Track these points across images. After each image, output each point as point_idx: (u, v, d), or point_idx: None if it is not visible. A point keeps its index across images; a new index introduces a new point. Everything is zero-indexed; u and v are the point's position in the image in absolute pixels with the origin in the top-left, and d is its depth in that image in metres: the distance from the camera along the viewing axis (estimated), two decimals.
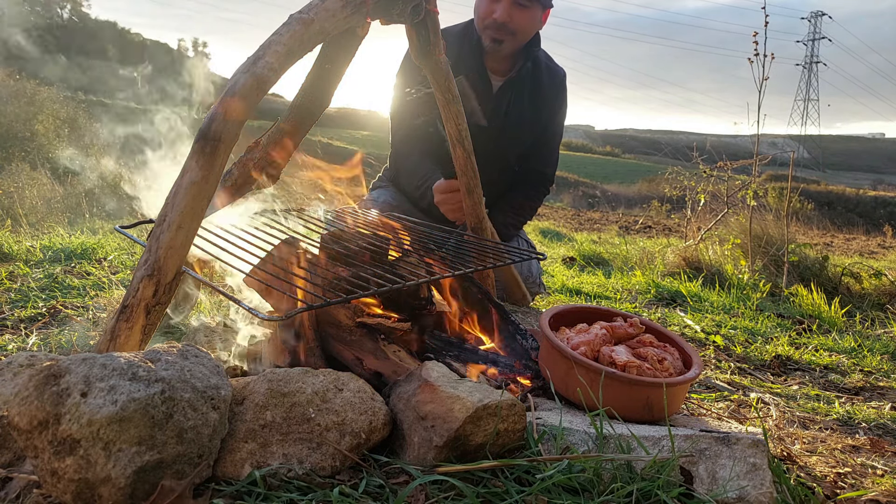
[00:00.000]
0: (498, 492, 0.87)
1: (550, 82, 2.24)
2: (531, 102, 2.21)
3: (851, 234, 11.55)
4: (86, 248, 2.56)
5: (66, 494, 0.74)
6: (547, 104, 2.24)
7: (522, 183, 2.35)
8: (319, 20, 1.09)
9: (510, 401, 0.97)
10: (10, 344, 1.45)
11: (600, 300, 2.91)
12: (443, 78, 1.54)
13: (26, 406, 0.75)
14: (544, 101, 2.23)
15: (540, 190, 2.38)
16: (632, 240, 6.46)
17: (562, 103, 2.29)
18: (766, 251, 3.67)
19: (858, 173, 59.81)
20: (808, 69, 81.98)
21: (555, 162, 2.38)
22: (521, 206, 2.33)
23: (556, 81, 2.26)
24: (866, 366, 2.04)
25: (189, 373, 0.83)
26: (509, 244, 2.12)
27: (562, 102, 2.29)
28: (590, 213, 13.70)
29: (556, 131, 2.32)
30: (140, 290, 0.97)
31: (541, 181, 2.37)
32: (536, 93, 2.21)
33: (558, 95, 2.27)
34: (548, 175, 2.37)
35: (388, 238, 1.47)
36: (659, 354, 1.22)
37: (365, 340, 1.23)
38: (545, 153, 2.32)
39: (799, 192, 10.44)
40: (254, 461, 0.86)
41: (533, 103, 2.21)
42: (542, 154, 2.32)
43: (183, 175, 0.99)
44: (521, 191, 2.34)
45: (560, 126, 2.34)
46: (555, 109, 2.26)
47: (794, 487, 0.98)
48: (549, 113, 2.25)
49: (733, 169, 4.60)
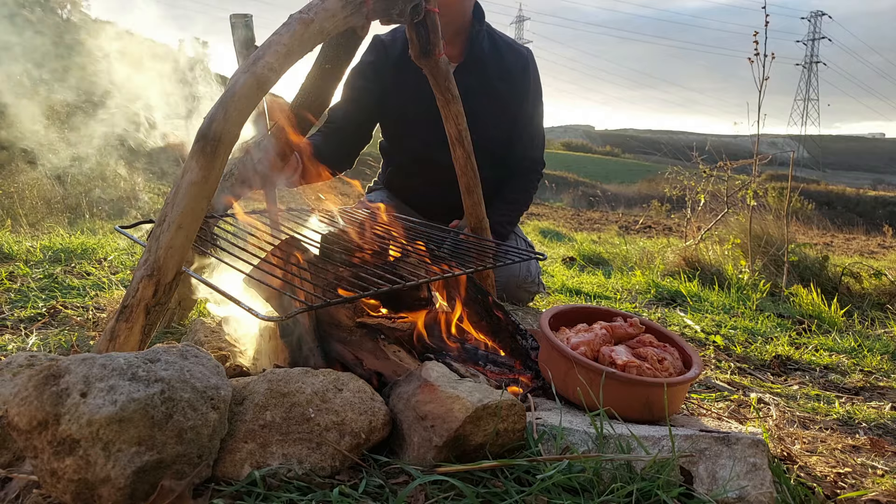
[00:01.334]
0: (498, 492, 0.87)
1: (514, 59, 2.21)
2: (500, 80, 2.17)
3: (851, 234, 11.55)
4: (86, 248, 2.56)
5: (65, 494, 0.74)
6: (516, 82, 2.21)
7: (511, 176, 2.33)
8: (319, 20, 1.09)
9: (510, 401, 0.97)
10: (10, 344, 1.45)
11: (600, 300, 2.91)
12: (443, 78, 1.54)
13: (26, 406, 0.75)
14: (513, 77, 2.20)
15: (531, 177, 2.35)
16: (632, 240, 6.46)
17: (532, 81, 2.24)
18: (766, 251, 3.67)
19: (858, 173, 59.79)
20: (808, 69, 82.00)
21: (541, 143, 2.34)
22: (513, 200, 2.31)
23: (520, 59, 2.22)
24: (866, 366, 2.04)
25: (189, 373, 0.83)
26: (508, 243, 2.12)
27: (532, 80, 2.24)
28: (590, 213, 13.71)
29: (534, 111, 2.28)
30: (140, 290, 0.97)
31: (530, 167, 2.34)
32: (502, 70, 2.17)
33: (526, 73, 2.22)
34: (536, 158, 2.34)
35: (387, 238, 1.47)
36: (659, 354, 1.22)
37: (365, 340, 1.23)
38: (528, 135, 2.29)
39: (799, 191, 10.44)
40: (253, 461, 0.86)
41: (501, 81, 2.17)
42: (525, 137, 2.28)
43: (183, 175, 0.99)
44: (511, 183, 2.32)
45: (537, 105, 2.29)
46: (526, 87, 2.23)
47: (794, 487, 0.98)
48: (520, 91, 2.22)
49: (733, 169, 4.60)
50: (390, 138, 2.32)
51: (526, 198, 2.37)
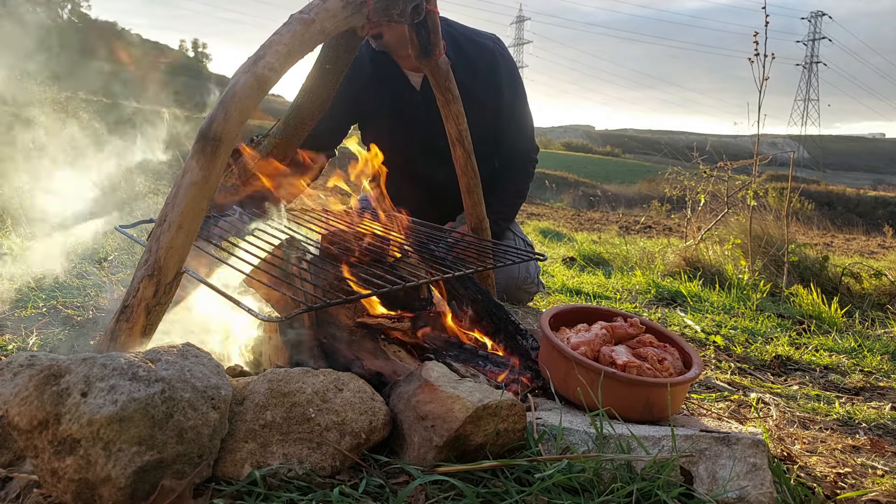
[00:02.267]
0: (498, 492, 0.87)
1: (480, 55, 2.15)
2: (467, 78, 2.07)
3: (851, 234, 11.54)
4: (86, 248, 2.56)
5: (66, 494, 0.74)
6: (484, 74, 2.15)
7: (504, 169, 2.31)
8: (320, 20, 1.09)
9: (510, 401, 0.97)
10: (10, 344, 1.45)
11: (600, 300, 2.91)
12: (443, 78, 1.54)
13: (26, 406, 0.75)
14: (479, 73, 2.14)
15: (526, 168, 2.33)
16: (632, 240, 6.45)
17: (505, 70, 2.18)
18: (766, 251, 3.67)
19: (858, 173, 59.77)
20: (808, 69, 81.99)
21: (530, 131, 2.30)
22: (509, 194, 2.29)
23: (486, 53, 2.16)
24: (866, 366, 2.04)
25: (189, 373, 0.83)
26: (507, 243, 2.12)
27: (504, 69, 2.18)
28: (590, 213, 13.70)
29: (514, 100, 2.23)
30: (140, 290, 0.97)
31: (523, 157, 2.31)
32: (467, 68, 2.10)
33: (494, 65, 2.17)
34: (527, 147, 2.31)
35: (388, 238, 1.47)
36: (659, 354, 1.23)
37: (365, 340, 1.23)
38: (514, 127, 2.25)
39: (799, 192, 10.44)
40: (254, 461, 0.86)
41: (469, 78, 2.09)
42: (511, 129, 2.25)
43: (183, 175, 0.99)
44: (504, 179, 2.30)
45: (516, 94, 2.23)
46: (498, 80, 2.17)
47: (794, 487, 0.98)
48: (493, 85, 2.16)
49: (733, 169, 4.59)
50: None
51: (522, 188, 2.35)
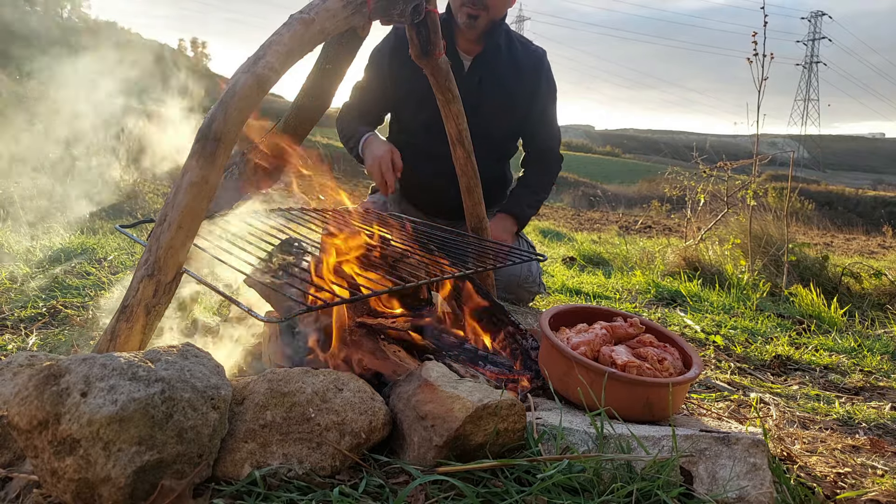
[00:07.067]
0: (498, 492, 0.87)
1: (527, 57, 2.30)
2: (511, 76, 2.26)
3: (851, 234, 11.54)
4: (86, 248, 2.56)
5: (66, 494, 0.74)
6: (527, 78, 2.29)
7: (535, 163, 2.44)
8: (320, 20, 1.09)
9: (510, 401, 0.97)
10: (10, 344, 1.45)
11: (600, 300, 2.91)
12: (443, 78, 1.54)
13: (26, 406, 0.75)
14: (523, 75, 2.28)
15: (552, 167, 2.47)
16: (632, 240, 6.45)
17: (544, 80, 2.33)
18: (766, 251, 3.67)
19: (858, 173, 59.76)
20: (808, 69, 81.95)
21: (557, 137, 2.47)
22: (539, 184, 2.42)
23: (532, 58, 2.31)
24: (866, 366, 2.04)
25: (189, 373, 0.83)
26: (508, 244, 2.12)
27: (544, 79, 2.33)
28: (590, 213, 13.69)
29: (546, 108, 2.38)
30: (140, 290, 0.97)
31: (551, 158, 2.46)
32: (514, 67, 2.26)
33: (539, 70, 2.32)
34: (554, 150, 2.46)
35: (388, 238, 1.47)
36: (659, 354, 1.22)
37: (365, 340, 1.23)
38: (544, 130, 2.40)
39: (799, 192, 10.44)
40: (254, 461, 0.86)
41: (512, 77, 2.26)
42: (542, 131, 2.40)
43: (183, 175, 0.99)
44: (534, 169, 2.43)
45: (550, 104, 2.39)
46: (537, 83, 2.31)
47: (794, 487, 0.98)
48: (531, 87, 2.30)
49: (733, 169, 4.59)
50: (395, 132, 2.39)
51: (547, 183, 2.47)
